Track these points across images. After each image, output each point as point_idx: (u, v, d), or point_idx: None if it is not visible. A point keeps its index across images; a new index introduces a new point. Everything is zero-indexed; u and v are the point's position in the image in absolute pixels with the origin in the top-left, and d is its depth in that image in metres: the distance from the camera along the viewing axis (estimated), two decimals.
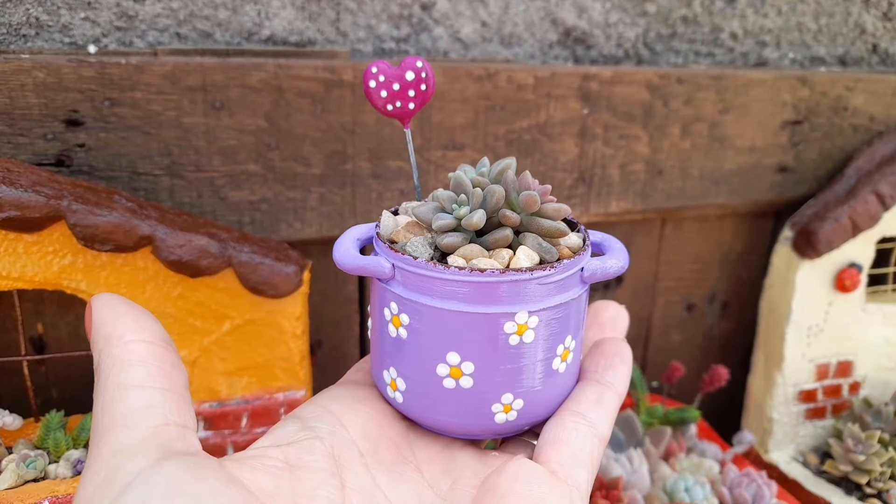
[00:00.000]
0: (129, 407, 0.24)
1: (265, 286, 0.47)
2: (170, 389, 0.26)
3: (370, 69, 0.33)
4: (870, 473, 0.63)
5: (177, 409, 0.25)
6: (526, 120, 0.57)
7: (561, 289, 0.29)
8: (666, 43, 0.66)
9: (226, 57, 0.50)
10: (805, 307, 0.67)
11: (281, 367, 0.51)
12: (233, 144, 0.50)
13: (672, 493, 0.56)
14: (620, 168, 0.62)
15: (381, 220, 0.32)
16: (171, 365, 0.27)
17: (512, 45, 0.61)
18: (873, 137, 0.70)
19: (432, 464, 0.31)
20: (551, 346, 0.30)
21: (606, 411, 0.32)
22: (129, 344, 0.26)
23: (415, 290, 0.29)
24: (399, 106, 0.33)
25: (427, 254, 0.29)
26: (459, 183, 0.30)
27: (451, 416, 0.30)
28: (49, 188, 0.42)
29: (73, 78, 0.46)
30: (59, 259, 0.44)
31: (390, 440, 0.31)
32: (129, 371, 0.25)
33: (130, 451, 0.23)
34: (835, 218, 0.64)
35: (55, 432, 0.46)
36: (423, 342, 0.29)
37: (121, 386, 0.25)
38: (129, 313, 0.27)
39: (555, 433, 0.30)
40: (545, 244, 0.30)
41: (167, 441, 0.24)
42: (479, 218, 0.29)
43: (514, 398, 0.30)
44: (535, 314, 0.28)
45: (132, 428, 0.24)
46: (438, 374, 0.29)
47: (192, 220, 0.48)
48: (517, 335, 0.28)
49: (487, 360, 0.29)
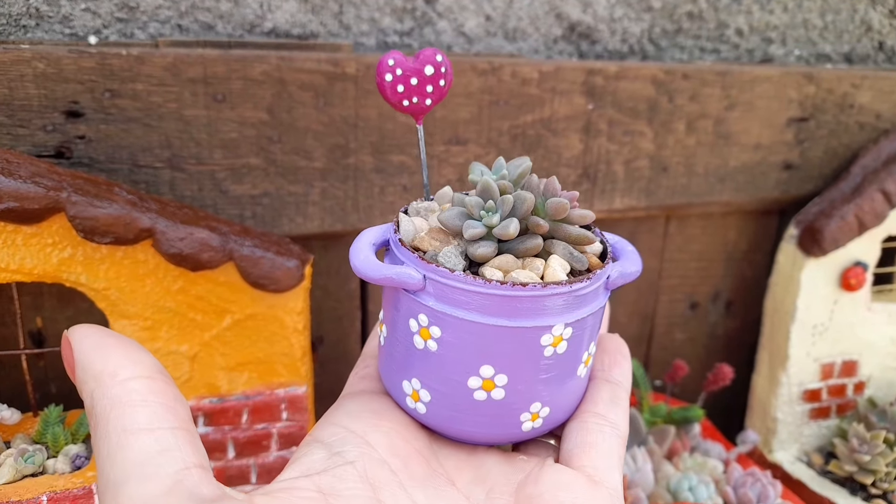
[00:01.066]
0: (143, 454, 0.23)
1: (266, 280, 0.47)
2: (179, 428, 0.24)
3: (385, 61, 0.31)
4: (875, 474, 0.63)
5: (191, 448, 0.24)
6: (530, 115, 0.56)
7: (592, 298, 0.29)
8: (671, 39, 0.65)
9: (227, 49, 0.49)
10: (810, 306, 0.67)
11: (282, 363, 0.50)
12: (234, 137, 0.49)
13: (676, 493, 0.56)
14: (625, 164, 0.61)
15: (401, 225, 0.30)
16: (174, 400, 0.25)
17: (516, 39, 0.60)
18: (880, 135, 0.70)
19: (462, 473, 0.30)
20: (578, 355, 0.30)
21: (622, 409, 0.32)
22: (125, 382, 0.24)
23: (449, 304, 0.27)
24: (416, 102, 0.32)
25: (461, 265, 0.28)
26: (487, 188, 0.29)
27: (477, 427, 0.30)
28: (48, 179, 0.42)
29: (73, 69, 0.45)
30: (59, 251, 0.44)
31: (418, 453, 0.30)
32: (133, 413, 0.23)
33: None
34: (841, 216, 0.64)
35: (54, 427, 0.46)
36: (455, 355, 0.28)
37: (127, 430, 0.23)
38: (117, 346, 0.25)
39: (581, 437, 0.30)
40: (576, 253, 0.29)
41: (192, 487, 0.22)
42: (514, 228, 0.28)
43: (541, 406, 0.30)
44: (570, 325, 0.28)
45: (151, 478, 0.22)
46: (469, 387, 0.29)
47: (192, 213, 0.47)
48: (552, 347, 0.28)
49: (522, 373, 0.28)
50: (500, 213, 0.29)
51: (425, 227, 0.31)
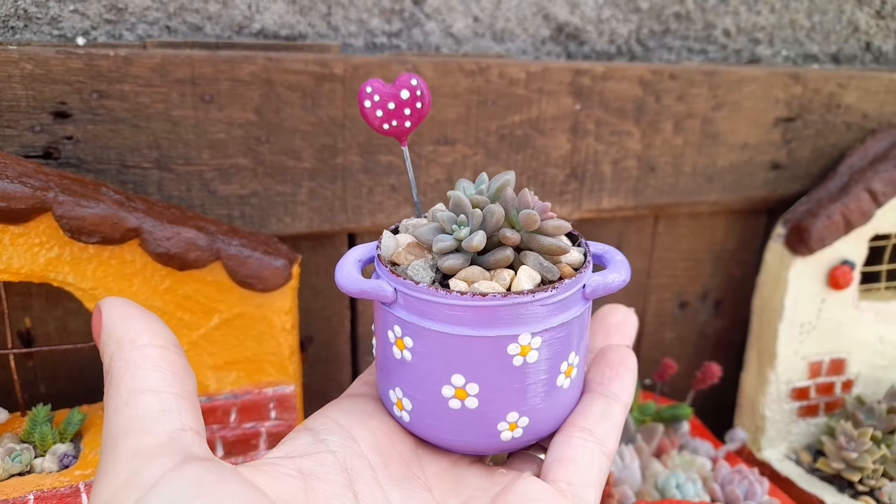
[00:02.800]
0: (146, 411, 0.25)
1: (254, 280, 0.47)
2: (183, 395, 0.26)
3: (364, 89, 0.33)
4: (862, 471, 0.63)
5: (191, 415, 0.26)
6: (518, 115, 0.57)
7: (563, 308, 0.29)
8: (659, 40, 0.66)
9: (215, 50, 0.49)
10: (798, 304, 0.67)
11: (270, 362, 0.51)
12: (222, 138, 0.50)
13: (663, 490, 0.56)
14: (613, 164, 0.61)
15: (382, 241, 0.31)
16: (183, 370, 0.27)
17: (504, 40, 0.61)
18: (866, 135, 0.70)
19: (441, 481, 0.31)
20: (555, 364, 0.30)
21: (613, 425, 0.32)
22: (142, 348, 0.27)
23: (417, 315, 0.29)
24: (395, 125, 0.34)
25: (429, 277, 0.29)
26: (458, 203, 0.30)
27: (457, 436, 0.31)
28: (35, 179, 0.42)
29: (61, 70, 0.45)
30: (46, 251, 0.44)
31: (400, 456, 0.31)
32: (144, 375, 0.26)
33: (151, 454, 0.23)
34: (827, 215, 0.64)
35: (41, 426, 0.46)
36: (427, 365, 0.29)
37: (136, 390, 0.25)
38: (140, 317, 0.28)
39: (562, 451, 0.30)
40: (546, 263, 0.29)
41: (186, 445, 0.24)
42: (479, 240, 0.28)
43: (519, 416, 0.30)
44: (538, 335, 0.28)
45: (150, 431, 0.24)
46: (444, 396, 0.29)
47: (180, 212, 0.47)
48: (521, 356, 0.29)
49: (492, 382, 0.29)
50: (470, 226, 0.30)
51: (408, 241, 0.32)
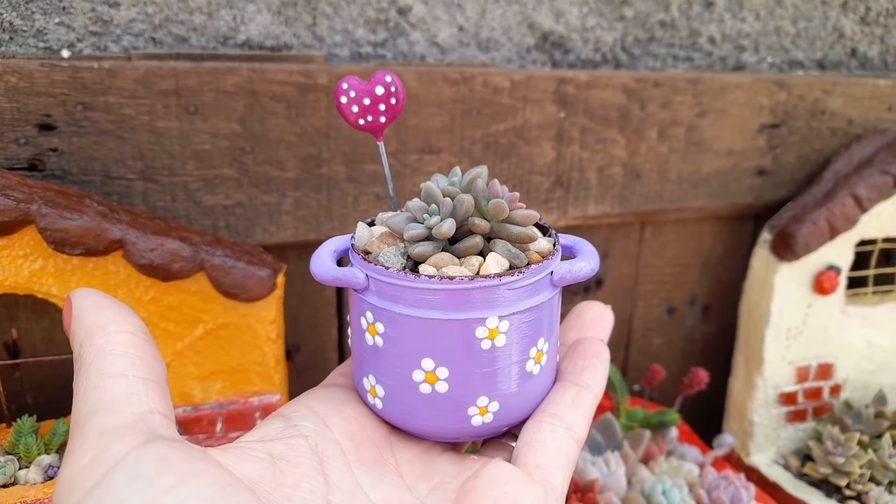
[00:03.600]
0: (114, 394, 0.25)
1: (238, 290, 0.47)
2: (152, 380, 0.27)
3: (340, 85, 0.34)
4: (849, 476, 0.63)
5: (159, 398, 0.26)
6: (503, 123, 0.57)
7: (531, 293, 0.30)
8: (644, 47, 0.66)
9: (200, 61, 0.50)
10: (784, 309, 0.67)
11: (255, 372, 0.51)
12: (207, 148, 0.50)
13: (649, 496, 0.56)
14: (598, 171, 0.62)
15: (357, 232, 0.32)
16: (152, 356, 0.28)
17: (489, 49, 0.61)
18: (852, 140, 0.70)
19: (412, 468, 0.31)
20: (524, 349, 0.30)
21: (583, 413, 0.32)
22: (112, 335, 0.27)
23: (388, 300, 0.29)
24: (371, 120, 0.34)
25: (399, 263, 0.30)
26: (430, 193, 0.31)
27: (428, 421, 0.31)
28: (19, 192, 0.42)
29: (45, 82, 0.46)
30: (30, 263, 0.44)
31: (372, 442, 0.31)
32: (113, 360, 0.26)
33: (118, 434, 0.24)
34: (812, 220, 0.64)
35: (26, 437, 0.46)
36: (398, 350, 0.30)
37: (104, 374, 0.26)
38: (111, 306, 0.28)
39: (532, 435, 0.31)
40: (514, 250, 0.30)
41: (153, 426, 0.25)
42: (448, 227, 0.29)
43: (489, 401, 0.30)
44: (506, 318, 0.29)
45: (118, 413, 0.25)
46: (414, 380, 0.30)
47: (164, 223, 0.48)
48: (489, 339, 0.29)
49: (461, 365, 0.30)
50: (440, 215, 0.30)
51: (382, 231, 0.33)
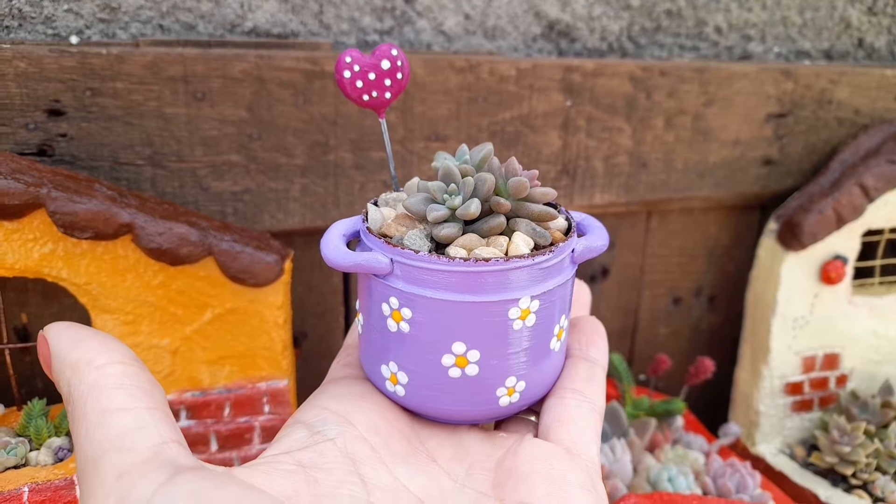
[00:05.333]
0: (120, 430, 0.23)
1: (246, 275, 0.48)
2: (155, 408, 0.25)
3: (343, 59, 0.32)
4: (855, 465, 0.63)
5: (167, 427, 0.24)
6: (509, 111, 0.57)
7: (557, 271, 0.30)
8: (650, 37, 0.66)
9: (207, 48, 0.50)
10: (791, 299, 0.67)
11: (263, 357, 0.51)
12: (215, 135, 0.50)
13: (655, 483, 0.56)
14: (604, 160, 0.62)
15: (369, 214, 0.31)
16: (148, 383, 0.26)
17: (495, 37, 0.61)
18: (858, 130, 0.70)
19: (443, 451, 0.31)
20: (549, 327, 0.30)
21: (599, 386, 0.33)
22: (102, 368, 0.25)
23: (417, 284, 0.28)
24: (375, 96, 0.33)
25: (426, 246, 0.29)
26: (449, 172, 0.30)
27: (455, 405, 0.31)
28: (29, 176, 0.43)
29: (54, 68, 0.46)
30: (40, 247, 0.44)
31: (399, 432, 0.31)
32: (110, 395, 0.24)
33: (139, 472, 0.22)
34: (819, 210, 0.64)
35: (37, 420, 0.46)
36: (427, 334, 0.29)
37: (105, 411, 0.24)
38: (92, 338, 0.26)
39: (560, 412, 0.31)
40: (539, 229, 0.30)
41: (172, 458, 0.23)
42: (475, 208, 0.29)
43: (517, 381, 0.30)
44: (537, 298, 0.29)
45: (132, 449, 0.23)
46: (444, 365, 0.29)
47: (172, 208, 0.48)
48: (521, 320, 0.29)
49: (493, 347, 0.29)
50: (462, 195, 0.30)
51: (393, 216, 0.32)
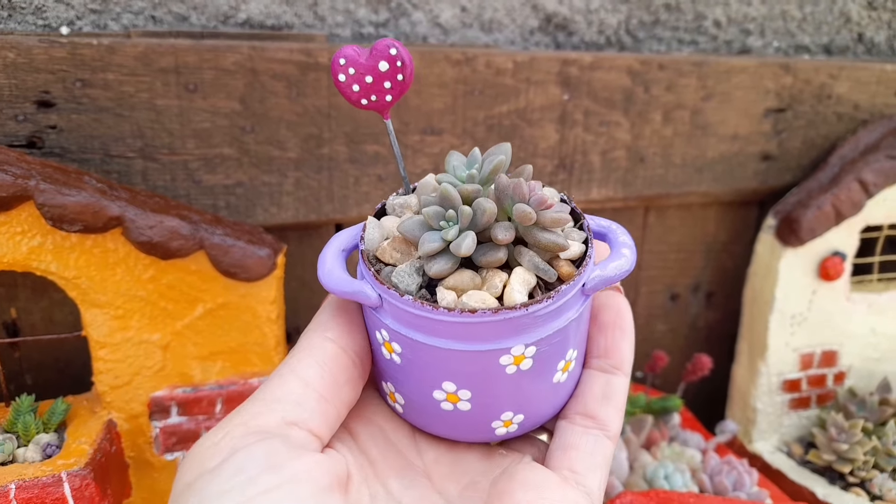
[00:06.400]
0: (284, 395, 0.26)
1: (238, 269, 0.47)
2: (328, 400, 0.27)
3: (337, 60, 0.29)
4: (853, 462, 0.63)
5: (321, 419, 0.27)
6: (505, 105, 0.57)
7: (559, 313, 0.27)
8: (648, 30, 0.66)
9: (200, 39, 0.49)
10: (788, 295, 0.67)
11: (255, 353, 0.50)
12: (207, 127, 0.50)
13: (651, 481, 0.56)
14: (601, 155, 0.61)
15: (366, 232, 0.29)
16: (345, 380, 0.28)
17: (492, 30, 0.60)
18: (858, 125, 0.70)
19: (439, 466, 0.30)
20: (551, 366, 0.28)
21: (616, 405, 0.31)
22: (326, 341, 0.28)
23: (404, 325, 0.27)
24: (375, 100, 0.30)
25: (415, 284, 0.27)
26: (447, 197, 0.27)
27: (451, 431, 0.30)
28: (17, 168, 0.42)
29: (44, 58, 0.45)
30: (28, 240, 0.44)
31: (397, 444, 0.31)
32: (308, 364, 0.27)
33: (253, 434, 0.25)
34: (817, 205, 0.64)
35: (25, 416, 0.46)
36: (417, 371, 0.28)
37: (293, 371, 0.27)
38: (345, 314, 0.29)
39: (565, 437, 0.30)
40: (542, 265, 0.27)
41: (288, 437, 0.25)
42: (467, 246, 0.26)
43: (514, 414, 0.29)
44: (533, 344, 0.27)
45: (271, 412, 0.26)
46: (435, 398, 0.28)
47: (163, 202, 0.47)
48: (514, 365, 0.27)
49: (485, 389, 0.28)
50: (458, 223, 0.27)
51: (394, 230, 0.29)
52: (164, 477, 0.51)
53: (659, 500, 0.51)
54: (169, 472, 0.51)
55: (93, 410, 0.49)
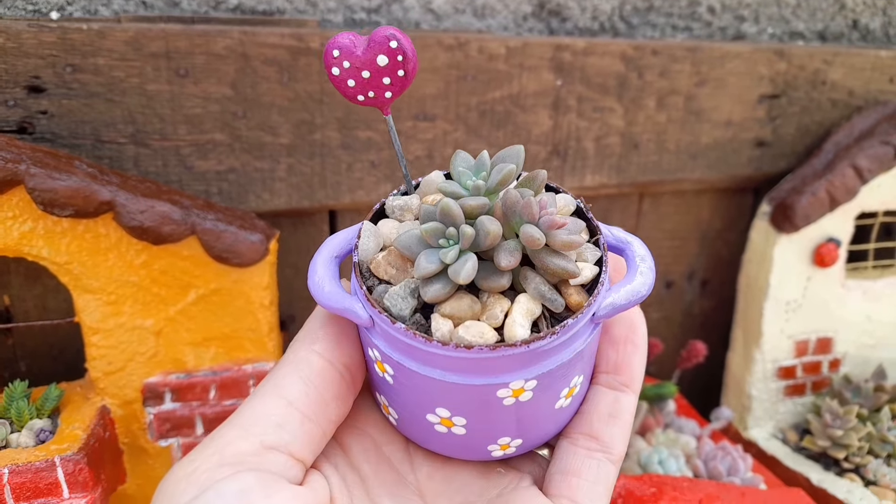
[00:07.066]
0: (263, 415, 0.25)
1: (230, 254, 0.47)
2: (313, 420, 0.26)
3: (330, 52, 0.27)
4: (847, 448, 0.63)
5: (304, 442, 0.25)
6: (498, 91, 0.57)
7: (566, 346, 0.25)
8: (642, 16, 0.65)
9: (190, 24, 0.49)
10: (783, 282, 0.67)
11: (249, 339, 0.50)
12: (198, 113, 0.49)
13: (646, 466, 0.56)
14: (595, 141, 0.61)
15: (360, 241, 0.26)
16: (332, 396, 0.26)
17: (485, 16, 0.60)
18: (852, 112, 0.70)
19: (432, 483, 0.30)
20: (553, 395, 0.26)
21: (621, 425, 0.29)
22: (312, 354, 0.26)
23: (395, 350, 0.25)
24: (373, 96, 0.27)
25: (409, 308, 0.25)
26: (447, 213, 0.25)
27: (445, 449, 0.29)
28: (7, 152, 0.42)
29: (33, 43, 0.45)
30: (19, 225, 0.44)
31: (389, 460, 0.30)
32: (291, 382, 0.26)
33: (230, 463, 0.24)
34: (812, 191, 0.64)
35: (18, 402, 0.46)
36: (409, 394, 0.26)
37: (276, 387, 0.26)
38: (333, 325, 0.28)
39: (566, 461, 0.29)
40: (549, 293, 0.25)
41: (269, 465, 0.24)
42: (467, 273, 0.24)
43: (511, 440, 0.28)
44: (534, 379, 0.25)
45: (249, 437, 0.24)
46: (429, 421, 0.27)
47: (154, 187, 0.47)
48: (512, 398, 0.25)
49: (480, 418, 0.26)
50: (459, 244, 0.24)
51: (392, 236, 0.27)
52: (158, 464, 0.51)
53: (653, 484, 0.51)
54: (164, 458, 0.51)
55: (86, 397, 0.49)
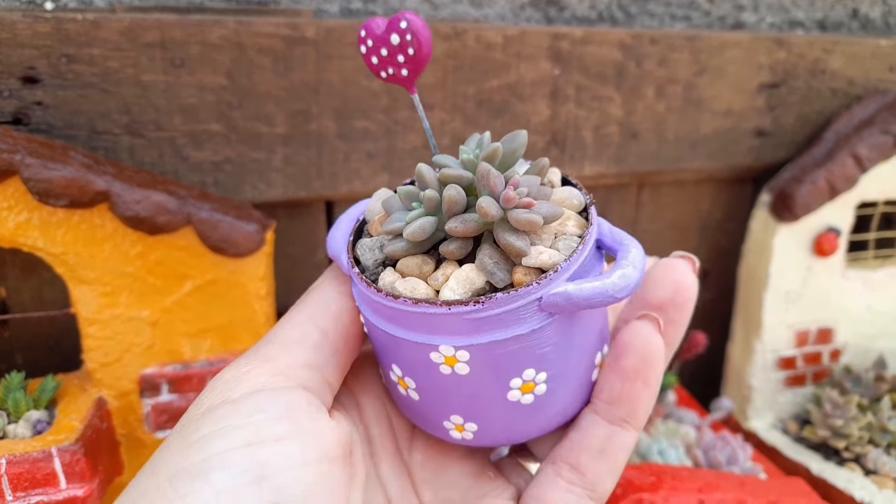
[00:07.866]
0: (301, 338, 0.27)
1: (226, 244, 0.47)
2: (340, 353, 0.28)
3: (360, 31, 0.29)
4: (848, 438, 0.63)
5: (336, 372, 0.28)
6: (496, 80, 0.56)
7: (500, 324, 0.24)
8: (641, 6, 0.65)
9: (185, 14, 0.49)
10: (783, 272, 0.67)
11: (245, 329, 0.50)
12: (194, 103, 0.49)
13: (645, 456, 0.56)
14: (594, 130, 0.61)
15: (371, 202, 0.29)
16: (354, 334, 0.29)
17: (482, 5, 0.60)
18: (852, 101, 0.69)
19: (423, 470, 0.30)
20: (500, 380, 0.26)
21: (611, 464, 0.27)
22: (342, 294, 0.29)
23: (358, 297, 0.28)
24: (392, 73, 0.29)
25: (373, 259, 0.27)
26: (421, 178, 0.27)
27: (411, 415, 0.30)
28: (2, 142, 0.42)
29: (28, 34, 0.45)
30: (15, 215, 0.43)
31: (393, 435, 0.31)
32: (321, 314, 0.28)
33: (270, 374, 0.26)
34: (812, 181, 0.63)
35: (15, 393, 0.46)
36: (377, 348, 0.29)
37: (311, 317, 0.28)
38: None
39: (544, 490, 0.28)
40: (491, 266, 0.25)
41: (310, 382, 0.27)
42: (411, 230, 0.25)
43: (464, 421, 0.28)
44: (465, 349, 0.25)
45: (289, 352, 0.27)
46: (392, 379, 0.28)
47: (150, 177, 0.47)
48: (447, 366, 0.26)
49: (424, 382, 0.27)
50: (423, 209, 0.26)
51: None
52: None
53: (652, 473, 0.51)
54: None
55: (83, 388, 0.49)
